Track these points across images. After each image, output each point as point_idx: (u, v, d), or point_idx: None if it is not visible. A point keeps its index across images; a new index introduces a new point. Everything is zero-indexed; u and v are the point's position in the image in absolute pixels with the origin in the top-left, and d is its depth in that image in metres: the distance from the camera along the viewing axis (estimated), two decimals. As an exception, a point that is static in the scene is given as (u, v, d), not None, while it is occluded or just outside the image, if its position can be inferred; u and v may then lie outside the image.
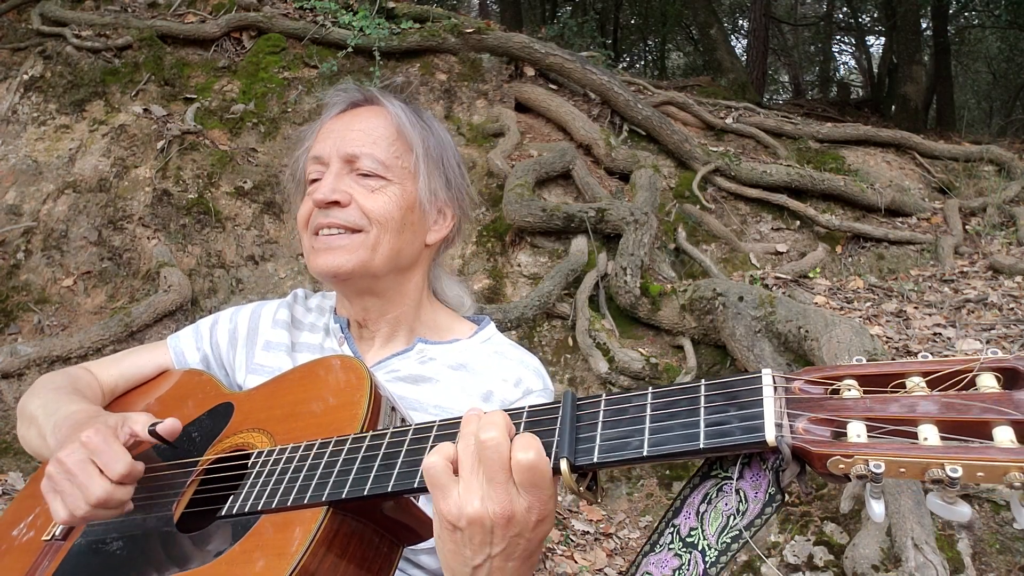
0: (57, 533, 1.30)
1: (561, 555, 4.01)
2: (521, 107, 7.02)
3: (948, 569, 3.14)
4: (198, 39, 6.65)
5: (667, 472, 4.66)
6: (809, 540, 3.67)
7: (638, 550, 0.92)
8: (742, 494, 0.82)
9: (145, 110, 6.02)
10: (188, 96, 6.29)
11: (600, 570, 4.02)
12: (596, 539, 4.26)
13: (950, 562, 3.22)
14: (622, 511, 4.54)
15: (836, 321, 4.29)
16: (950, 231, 6.34)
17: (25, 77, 6.14)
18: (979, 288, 5.44)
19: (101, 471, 1.19)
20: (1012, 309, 5.11)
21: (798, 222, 6.51)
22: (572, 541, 4.17)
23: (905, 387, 0.75)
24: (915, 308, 5.24)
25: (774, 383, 0.80)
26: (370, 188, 1.41)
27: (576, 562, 3.99)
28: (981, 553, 3.39)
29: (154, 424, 1.26)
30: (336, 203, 1.39)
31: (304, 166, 1.50)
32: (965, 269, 5.85)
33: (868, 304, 5.37)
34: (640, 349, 5.02)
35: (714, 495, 0.86)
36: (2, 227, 5.32)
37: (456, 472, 0.93)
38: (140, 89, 6.19)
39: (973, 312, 5.14)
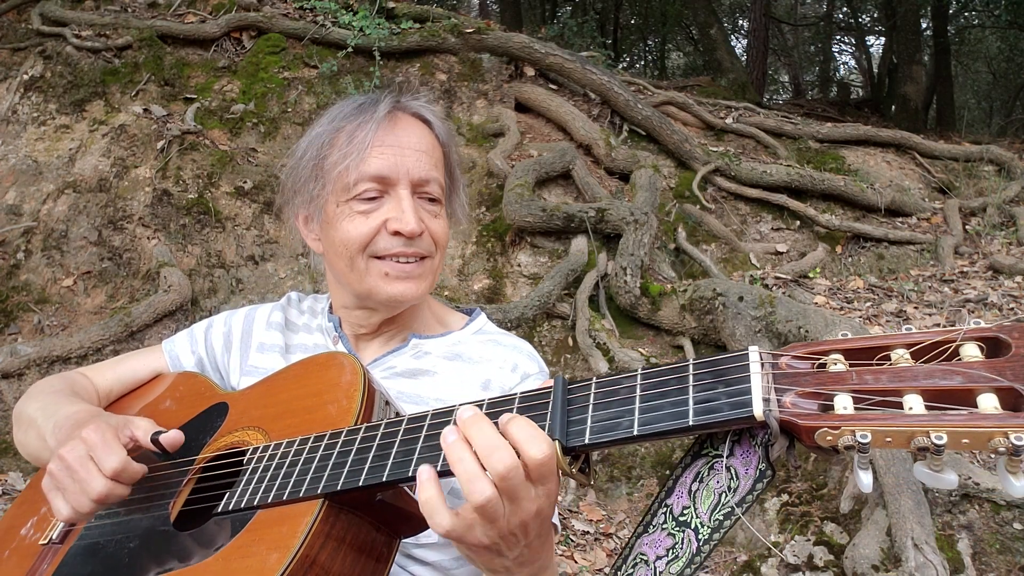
0: (55, 536, 1.31)
1: (561, 555, 4.01)
2: (521, 107, 7.03)
3: (948, 569, 3.14)
4: (198, 39, 6.66)
5: (667, 472, 4.65)
6: (809, 540, 3.67)
7: (632, 532, 0.92)
8: (733, 471, 0.83)
9: (145, 110, 6.03)
10: (188, 96, 6.30)
11: (600, 570, 4.02)
12: (596, 539, 4.26)
13: (950, 562, 3.21)
14: (622, 511, 4.53)
15: (836, 321, 4.29)
16: (950, 231, 6.34)
17: (25, 77, 6.15)
18: (979, 288, 5.43)
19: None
20: (1012, 309, 5.10)
21: (798, 222, 6.51)
22: (572, 541, 4.16)
23: (890, 359, 0.76)
24: (915, 308, 5.23)
25: (761, 359, 0.81)
26: (433, 214, 1.42)
27: (576, 562, 3.99)
28: (981, 553, 3.39)
29: (157, 432, 1.27)
30: (420, 233, 1.39)
31: (353, 177, 1.37)
32: (965, 269, 5.84)
33: (868, 304, 5.37)
34: (640, 349, 5.02)
35: (705, 473, 0.86)
36: (2, 227, 5.33)
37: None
38: (140, 89, 6.20)
39: (973, 312, 5.14)
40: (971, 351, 0.72)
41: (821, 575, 3.52)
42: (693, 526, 0.85)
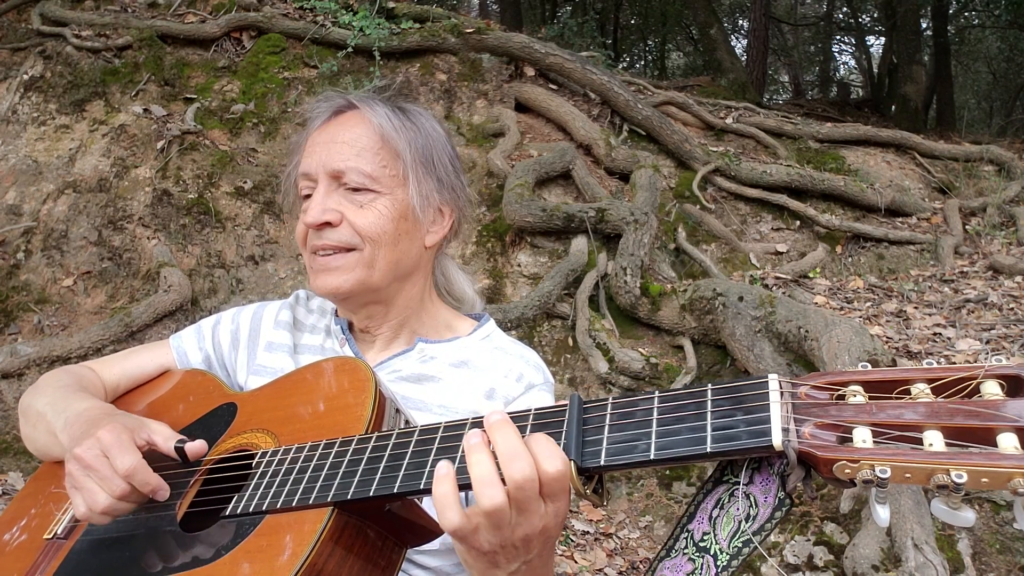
0: (59, 531, 1.30)
1: (561, 555, 4.01)
2: (521, 107, 7.02)
3: (948, 569, 3.14)
4: (198, 39, 6.64)
5: (667, 472, 4.66)
6: (809, 540, 3.67)
7: (655, 555, 0.93)
8: (752, 498, 0.83)
9: (145, 110, 6.02)
10: (188, 96, 6.29)
11: (600, 570, 4.02)
12: (596, 539, 4.26)
13: (950, 562, 3.22)
14: (622, 511, 4.54)
15: (836, 321, 4.29)
16: (950, 231, 6.35)
17: (25, 77, 6.13)
18: (979, 288, 5.44)
19: None
20: (1012, 309, 5.11)
21: (798, 222, 6.51)
22: (572, 541, 4.17)
23: (910, 393, 0.76)
24: (915, 308, 5.24)
25: (780, 388, 0.81)
26: (359, 204, 1.39)
27: (576, 562, 3.99)
28: (981, 553, 3.40)
29: (181, 442, 1.26)
30: (327, 224, 1.38)
31: (295, 181, 1.48)
32: (965, 269, 5.85)
33: (868, 304, 5.37)
34: (640, 349, 5.02)
35: (726, 500, 0.86)
36: (2, 227, 5.32)
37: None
38: (140, 89, 6.19)
39: (973, 312, 5.14)
40: (992, 389, 0.72)
41: (821, 575, 3.53)
42: (712, 552, 0.85)
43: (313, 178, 1.41)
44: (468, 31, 6.91)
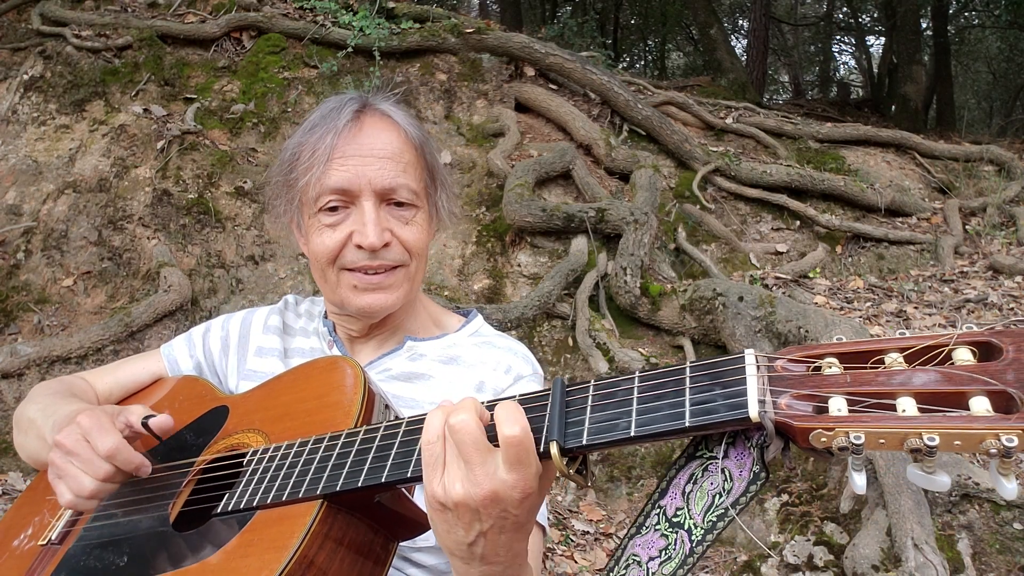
0: (53, 537, 1.31)
1: (561, 555, 4.01)
2: (521, 107, 7.03)
3: (948, 569, 3.14)
4: (198, 39, 6.66)
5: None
6: (809, 540, 3.67)
7: (624, 534, 0.92)
8: (727, 472, 0.83)
9: (145, 110, 6.03)
10: (188, 96, 6.31)
11: (600, 570, 4.02)
12: (596, 539, 4.26)
13: (950, 562, 3.22)
14: (622, 511, 4.54)
15: (836, 321, 4.30)
16: (950, 231, 6.34)
17: (25, 77, 6.15)
18: (979, 288, 5.43)
19: None
20: (1012, 309, 5.11)
21: (798, 222, 6.51)
22: (572, 541, 4.17)
23: (884, 363, 0.76)
24: (915, 308, 5.24)
25: (757, 362, 0.81)
26: (404, 219, 1.38)
27: (576, 562, 3.99)
28: (981, 553, 3.39)
29: (148, 416, 1.27)
30: (384, 245, 1.36)
31: (315, 191, 1.37)
32: (965, 269, 5.84)
33: (868, 304, 5.37)
34: (640, 349, 5.02)
35: (699, 475, 0.87)
36: (2, 227, 5.33)
37: None
38: (140, 89, 6.20)
39: (973, 312, 5.14)
40: (963, 355, 0.73)
41: (821, 575, 3.52)
42: (687, 527, 0.85)
43: (354, 194, 1.35)
44: (468, 31, 6.93)
